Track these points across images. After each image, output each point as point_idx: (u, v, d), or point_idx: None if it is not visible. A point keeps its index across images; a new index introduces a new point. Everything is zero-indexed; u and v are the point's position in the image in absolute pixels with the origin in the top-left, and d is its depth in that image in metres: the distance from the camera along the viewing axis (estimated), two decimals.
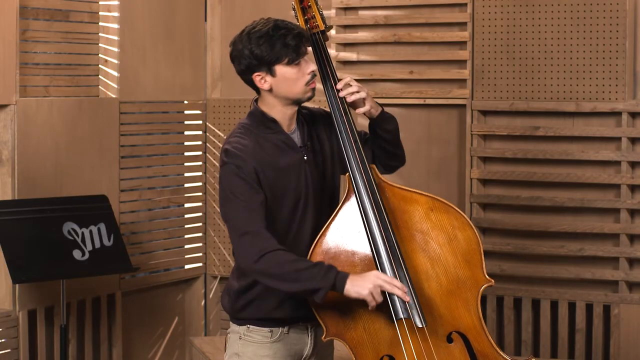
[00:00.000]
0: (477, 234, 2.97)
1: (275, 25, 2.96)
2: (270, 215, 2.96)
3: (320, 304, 2.89)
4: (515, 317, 4.91)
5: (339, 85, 3.07)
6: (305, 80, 2.99)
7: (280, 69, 2.97)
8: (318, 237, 2.97)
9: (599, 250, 4.71)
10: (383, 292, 2.87)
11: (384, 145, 3.15)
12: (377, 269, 2.92)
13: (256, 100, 3.08)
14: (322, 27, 3.11)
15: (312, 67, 3.00)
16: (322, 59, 3.10)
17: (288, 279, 2.86)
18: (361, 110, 3.08)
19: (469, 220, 2.98)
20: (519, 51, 4.81)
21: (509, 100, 4.85)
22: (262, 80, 3.00)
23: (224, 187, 2.96)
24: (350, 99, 3.05)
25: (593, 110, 4.69)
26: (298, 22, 3.11)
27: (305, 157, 3.05)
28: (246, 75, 3.02)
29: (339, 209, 2.99)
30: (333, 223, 2.98)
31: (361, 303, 2.88)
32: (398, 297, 2.86)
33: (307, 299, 2.92)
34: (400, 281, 2.89)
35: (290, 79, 2.98)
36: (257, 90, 3.05)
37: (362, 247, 2.96)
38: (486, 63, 4.88)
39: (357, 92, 3.05)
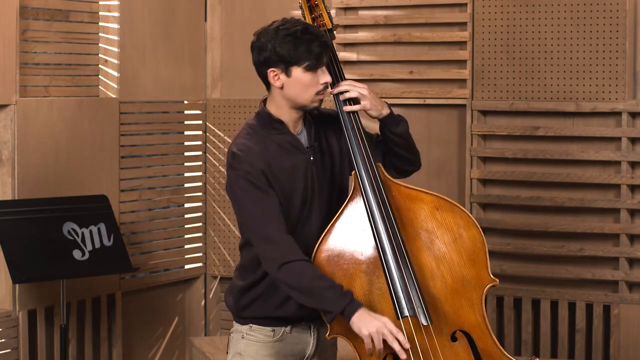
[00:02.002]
0: (482, 233, 2.97)
1: (305, 28, 2.94)
2: None
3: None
4: (515, 317, 4.91)
5: (334, 91, 3.07)
6: (316, 89, 2.98)
7: (296, 71, 2.96)
8: (323, 234, 2.97)
9: (599, 250, 4.71)
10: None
11: (394, 148, 3.13)
12: (382, 267, 2.93)
13: (264, 101, 3.08)
14: (330, 26, 3.12)
15: (327, 78, 2.98)
16: (329, 58, 3.10)
17: (304, 292, 2.90)
18: (356, 107, 3.05)
19: (474, 220, 2.98)
20: (519, 51, 4.82)
21: (509, 100, 4.85)
22: (276, 77, 2.99)
23: (236, 195, 2.97)
24: (345, 97, 3.05)
25: (593, 110, 4.70)
26: (305, 20, 3.11)
27: (311, 158, 3.05)
28: (262, 67, 3.00)
29: (345, 206, 2.99)
30: (339, 221, 2.98)
31: (366, 299, 2.90)
32: (395, 347, 2.85)
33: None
34: (406, 279, 2.90)
35: (303, 84, 2.97)
36: (268, 86, 3.04)
37: (368, 245, 2.97)
38: (486, 63, 4.88)
39: (354, 91, 3.05)
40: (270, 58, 2.97)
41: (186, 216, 5.51)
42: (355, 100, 3.06)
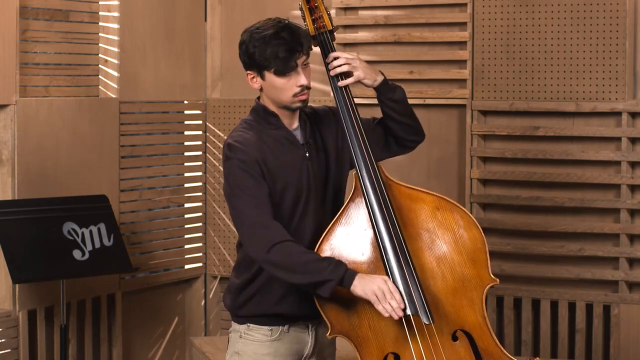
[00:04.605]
0: (482, 233, 2.98)
1: (275, 32, 2.95)
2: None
3: (326, 298, 2.90)
4: (515, 317, 4.91)
5: (328, 60, 3.08)
6: (293, 92, 2.99)
7: (268, 75, 2.99)
8: (324, 233, 2.98)
9: (599, 250, 4.71)
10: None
11: (393, 115, 3.14)
12: (384, 266, 2.93)
13: (258, 98, 3.10)
14: (330, 27, 3.12)
15: (303, 81, 2.99)
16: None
17: (297, 270, 2.88)
18: (350, 80, 3.06)
19: (474, 220, 2.98)
20: (519, 51, 4.82)
21: (509, 100, 4.85)
22: (253, 79, 3.03)
23: (229, 182, 2.98)
24: (335, 71, 3.06)
25: (593, 110, 4.70)
26: (305, 22, 3.11)
27: (307, 154, 3.06)
28: (244, 68, 3.06)
29: (346, 206, 3.00)
30: (340, 220, 2.98)
31: (367, 301, 2.89)
32: (390, 307, 2.85)
33: (313, 294, 2.93)
34: (408, 278, 2.91)
35: (277, 88, 3.00)
36: None
37: (369, 245, 2.97)
38: (486, 63, 4.88)
39: (345, 64, 3.06)
40: (245, 61, 3.02)
41: (186, 216, 5.51)
42: (347, 74, 3.07)
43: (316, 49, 3.14)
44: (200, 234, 5.53)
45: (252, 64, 2.99)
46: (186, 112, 5.50)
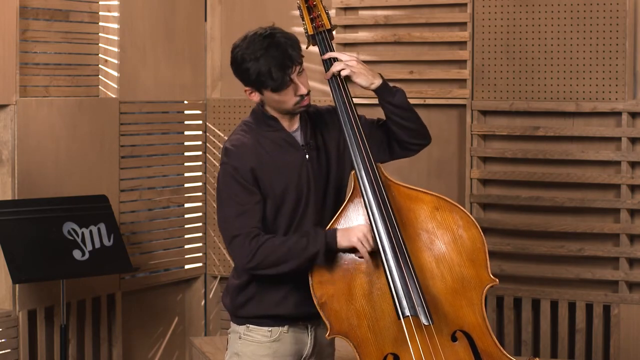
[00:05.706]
0: (481, 233, 2.98)
1: (266, 52, 2.95)
2: (272, 213, 2.99)
3: (324, 300, 2.92)
4: (515, 317, 4.91)
5: (325, 57, 3.10)
6: (293, 102, 3.01)
7: (266, 92, 3.01)
8: None
9: (599, 250, 4.71)
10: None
11: (395, 119, 3.13)
12: (383, 266, 2.93)
13: None
14: (328, 26, 3.12)
15: (302, 91, 2.99)
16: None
17: (285, 260, 2.93)
18: (342, 72, 3.06)
19: (473, 220, 2.98)
20: (519, 51, 4.82)
21: (509, 100, 4.85)
22: (252, 94, 3.05)
23: (220, 187, 3.01)
24: (333, 70, 3.06)
25: (593, 110, 4.70)
26: (304, 21, 3.11)
27: (307, 156, 3.06)
28: (241, 82, 3.07)
29: (345, 206, 3.01)
30: (339, 221, 2.99)
31: (366, 299, 2.90)
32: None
33: (312, 293, 2.96)
34: (407, 279, 2.91)
35: (277, 101, 3.01)
36: None
37: None
38: (486, 63, 4.88)
39: (343, 68, 3.06)
40: (242, 78, 3.02)
41: (186, 216, 5.51)
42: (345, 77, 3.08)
43: (314, 49, 3.14)
44: (200, 234, 5.54)
45: (247, 82, 3.01)
46: (186, 112, 5.50)
